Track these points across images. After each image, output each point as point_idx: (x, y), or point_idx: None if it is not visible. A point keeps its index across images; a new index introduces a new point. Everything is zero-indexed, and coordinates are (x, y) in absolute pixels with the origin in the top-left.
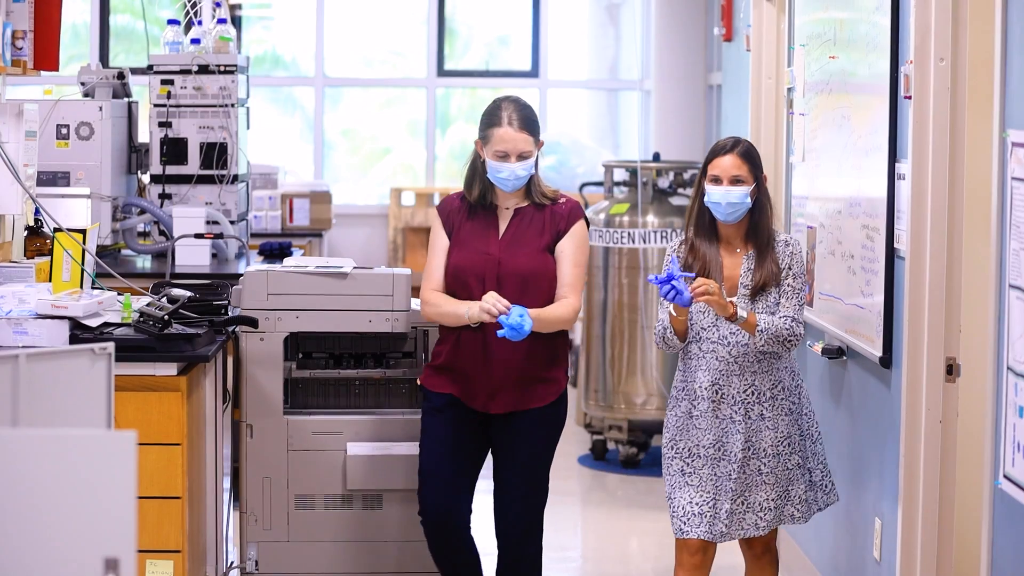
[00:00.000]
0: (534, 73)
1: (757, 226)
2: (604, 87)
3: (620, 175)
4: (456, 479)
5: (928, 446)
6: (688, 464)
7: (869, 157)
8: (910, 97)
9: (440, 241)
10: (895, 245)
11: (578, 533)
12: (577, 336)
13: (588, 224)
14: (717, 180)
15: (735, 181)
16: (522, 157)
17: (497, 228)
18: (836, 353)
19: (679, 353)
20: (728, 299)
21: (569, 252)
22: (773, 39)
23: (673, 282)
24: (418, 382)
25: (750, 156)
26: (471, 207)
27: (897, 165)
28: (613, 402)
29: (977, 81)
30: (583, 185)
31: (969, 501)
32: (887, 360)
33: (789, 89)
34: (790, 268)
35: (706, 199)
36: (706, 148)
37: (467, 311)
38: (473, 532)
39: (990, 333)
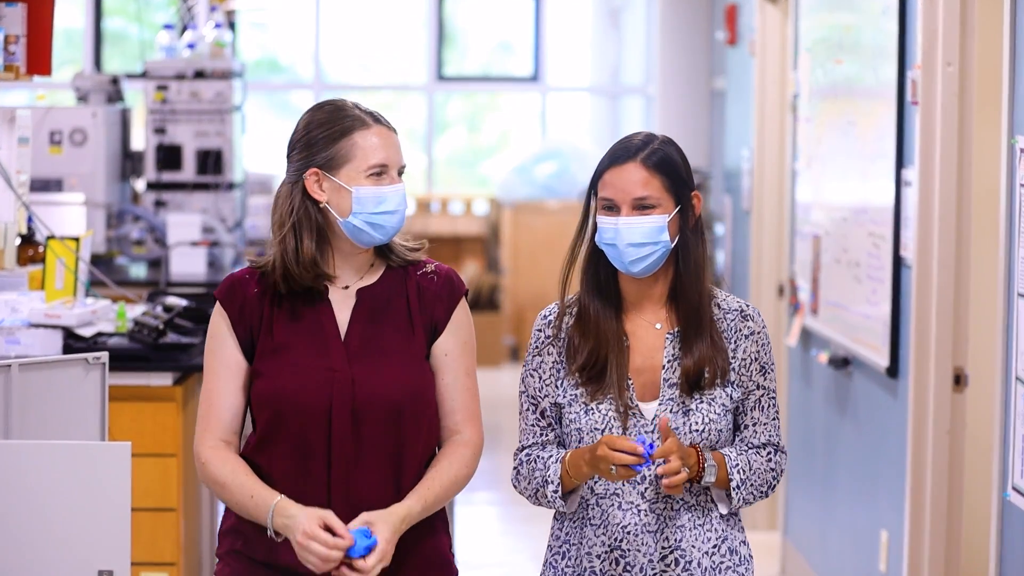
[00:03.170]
0: (535, 78)
1: (682, 281)
2: (606, 92)
3: None
4: None
5: (935, 457)
6: None
7: (875, 164)
8: (917, 103)
9: (226, 354)
10: (901, 253)
11: None
12: None
13: (468, 301)
14: (611, 206)
15: (640, 206)
16: (400, 172)
17: (335, 324)
18: (841, 363)
19: None
20: (692, 455)
21: (456, 355)
22: (778, 44)
23: (647, 460)
24: None
25: (666, 164)
26: (277, 292)
27: (904, 172)
28: None
29: (985, 86)
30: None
31: (977, 513)
32: (894, 370)
33: (794, 95)
34: (756, 359)
35: (597, 239)
36: (709, 154)
37: (270, 512)
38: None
39: (998, 342)
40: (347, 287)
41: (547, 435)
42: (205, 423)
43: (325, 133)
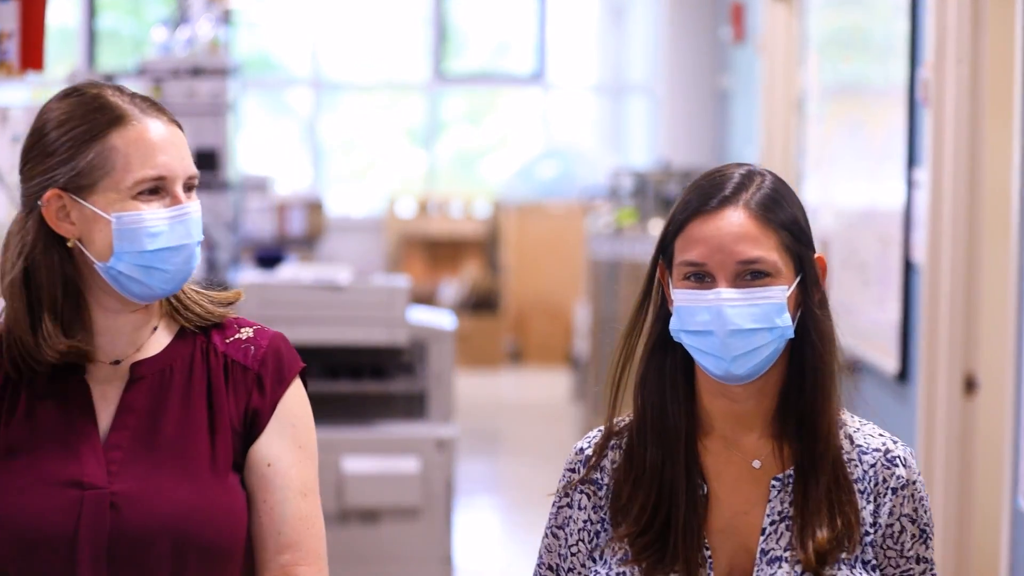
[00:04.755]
0: (538, 77)
1: (800, 392)
2: (610, 91)
3: (627, 182)
4: None
5: (945, 464)
6: None
7: (884, 164)
8: (928, 102)
9: None
10: (911, 256)
11: None
12: (584, 352)
13: (306, 383)
14: (703, 273)
15: (748, 274)
16: (190, 187)
17: (93, 418)
18: (849, 367)
19: None
20: None
21: (285, 466)
22: (785, 42)
23: None
24: None
25: (784, 211)
26: (23, 366)
27: (913, 172)
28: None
29: (997, 85)
30: (588, 194)
31: (987, 521)
32: (903, 375)
33: (802, 94)
34: (913, 521)
35: (675, 326)
36: (716, 155)
37: None
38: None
39: (1010, 347)
40: (117, 362)
41: None
42: None
43: (68, 134)
